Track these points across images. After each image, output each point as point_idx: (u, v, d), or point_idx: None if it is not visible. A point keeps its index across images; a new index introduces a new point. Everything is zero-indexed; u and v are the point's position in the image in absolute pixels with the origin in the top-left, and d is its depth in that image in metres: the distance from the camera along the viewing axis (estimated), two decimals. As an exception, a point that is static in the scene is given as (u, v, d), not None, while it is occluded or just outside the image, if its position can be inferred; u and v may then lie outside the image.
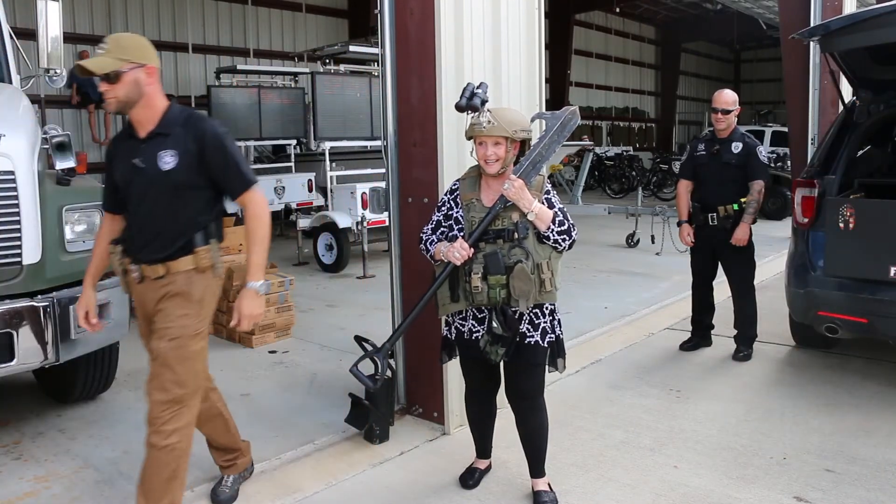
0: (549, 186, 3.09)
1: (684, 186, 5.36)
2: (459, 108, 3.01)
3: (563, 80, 22.11)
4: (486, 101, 2.99)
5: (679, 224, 5.39)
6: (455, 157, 3.87)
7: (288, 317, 6.00)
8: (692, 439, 3.92)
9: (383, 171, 4.23)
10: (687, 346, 5.52)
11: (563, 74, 22.07)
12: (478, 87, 3.01)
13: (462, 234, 3.05)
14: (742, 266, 5.25)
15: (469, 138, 3.06)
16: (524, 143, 3.06)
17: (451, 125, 3.84)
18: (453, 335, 3.20)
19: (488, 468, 3.51)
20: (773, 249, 9.29)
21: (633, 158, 20.81)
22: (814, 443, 3.86)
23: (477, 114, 2.97)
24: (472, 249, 2.95)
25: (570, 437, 3.92)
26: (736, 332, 5.38)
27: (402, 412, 4.19)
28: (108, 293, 3.99)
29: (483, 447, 3.47)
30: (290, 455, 3.74)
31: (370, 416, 3.68)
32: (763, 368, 5.12)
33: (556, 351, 3.15)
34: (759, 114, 26.98)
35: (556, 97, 21.50)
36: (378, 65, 4.86)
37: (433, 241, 3.14)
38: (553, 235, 2.97)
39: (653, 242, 10.31)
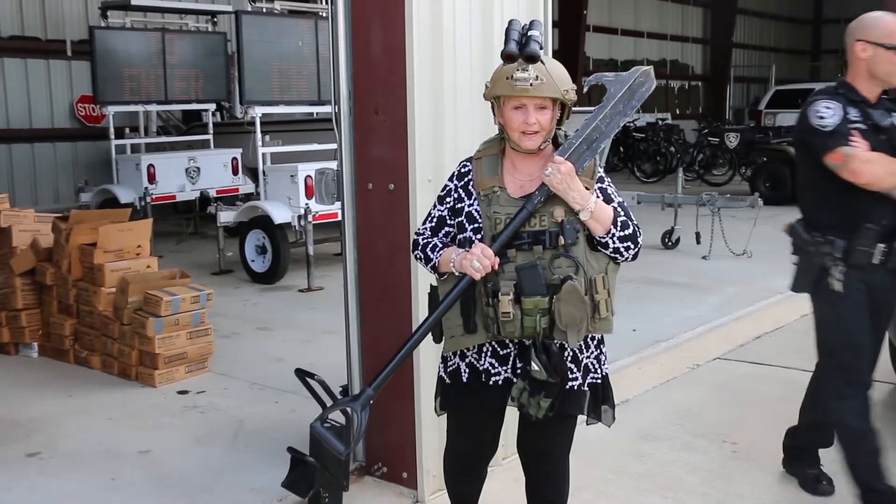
0: (602, 172, 2.93)
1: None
2: (510, 56, 2.74)
3: (577, 24, 22.24)
4: (543, 48, 2.80)
5: None
6: (430, 129, 3.88)
7: (204, 344, 5.99)
8: (751, 508, 3.97)
9: (334, 147, 4.24)
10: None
11: (577, 15, 22.19)
12: (530, 28, 2.77)
13: (480, 235, 2.88)
14: None
15: (493, 98, 2.86)
16: (563, 111, 2.90)
17: (424, 86, 3.85)
18: (465, 375, 2.99)
19: None
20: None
21: (671, 129, 21.01)
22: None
23: (515, 64, 2.74)
24: (498, 258, 2.80)
25: (588, 505, 3.95)
26: None
27: (360, 472, 4.21)
28: None
29: None
30: (208, 534, 3.74)
31: (316, 479, 3.67)
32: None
33: (601, 395, 3.02)
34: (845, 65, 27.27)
35: (568, 46, 21.62)
36: (328, 2, 4.86)
37: (435, 245, 2.97)
38: (613, 242, 2.82)
39: (698, 242, 10.42)
